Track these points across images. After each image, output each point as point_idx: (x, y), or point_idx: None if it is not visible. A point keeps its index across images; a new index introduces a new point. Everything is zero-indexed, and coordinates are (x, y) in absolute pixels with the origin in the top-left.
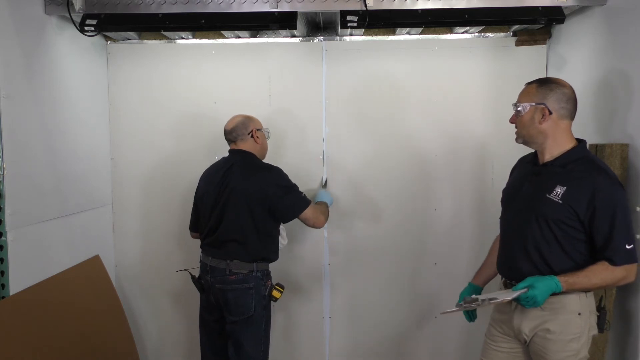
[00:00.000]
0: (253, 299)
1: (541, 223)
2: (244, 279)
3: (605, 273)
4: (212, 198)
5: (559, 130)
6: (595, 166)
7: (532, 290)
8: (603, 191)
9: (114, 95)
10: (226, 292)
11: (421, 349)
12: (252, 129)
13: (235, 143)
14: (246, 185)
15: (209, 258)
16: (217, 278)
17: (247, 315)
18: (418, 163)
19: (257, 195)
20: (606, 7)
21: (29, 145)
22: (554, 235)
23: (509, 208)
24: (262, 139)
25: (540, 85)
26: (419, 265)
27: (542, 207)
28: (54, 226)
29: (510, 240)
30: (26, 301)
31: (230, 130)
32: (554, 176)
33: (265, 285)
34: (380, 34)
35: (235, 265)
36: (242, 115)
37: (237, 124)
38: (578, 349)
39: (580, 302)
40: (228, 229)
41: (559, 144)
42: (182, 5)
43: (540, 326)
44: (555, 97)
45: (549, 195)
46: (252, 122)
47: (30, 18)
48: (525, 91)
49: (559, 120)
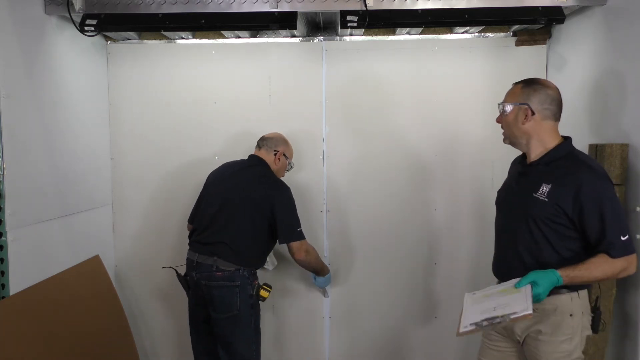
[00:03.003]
0: (238, 297)
1: (530, 223)
2: (230, 276)
3: (605, 265)
4: (218, 196)
5: (542, 130)
6: (579, 162)
7: (536, 288)
8: (587, 186)
9: (114, 95)
10: (212, 289)
11: (421, 349)
12: (280, 150)
13: (259, 150)
14: (257, 189)
15: (196, 254)
16: (204, 274)
17: (232, 313)
18: (418, 163)
19: (264, 206)
20: (606, 7)
21: (29, 145)
22: (544, 235)
23: (501, 209)
24: (282, 164)
25: (525, 85)
26: (419, 266)
27: (529, 207)
28: (54, 226)
29: (502, 242)
30: (26, 301)
31: (265, 138)
32: (540, 175)
33: (252, 284)
34: (380, 34)
35: (222, 262)
36: (283, 136)
37: (274, 137)
38: (570, 350)
39: (572, 303)
40: (226, 231)
41: (543, 143)
42: (182, 5)
43: (532, 327)
44: (539, 98)
45: (535, 195)
46: (285, 146)
47: (30, 18)
48: (510, 91)
49: (542, 121)
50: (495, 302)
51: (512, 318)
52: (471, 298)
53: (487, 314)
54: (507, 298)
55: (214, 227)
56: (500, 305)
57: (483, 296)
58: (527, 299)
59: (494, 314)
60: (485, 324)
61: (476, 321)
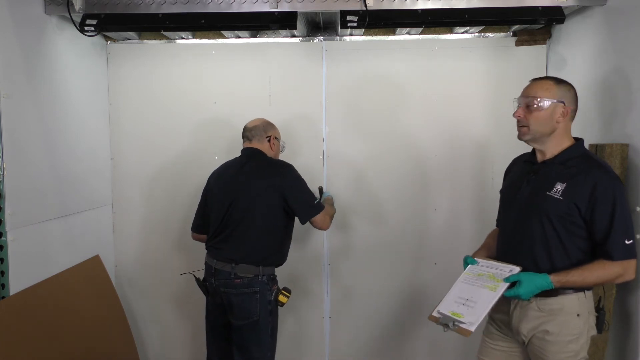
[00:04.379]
0: (258, 304)
1: (543, 221)
2: (249, 283)
3: (600, 271)
4: (224, 198)
5: (565, 129)
6: (595, 162)
7: (517, 289)
8: (603, 185)
9: (114, 95)
10: (230, 296)
11: (421, 349)
12: (271, 135)
13: (250, 142)
14: (262, 181)
15: (214, 260)
16: (222, 281)
17: (252, 320)
18: (418, 163)
19: (274, 196)
20: (606, 7)
21: (29, 145)
22: (557, 233)
23: (509, 208)
24: (277, 148)
25: (557, 83)
26: (419, 265)
27: (543, 205)
28: (54, 226)
29: (511, 240)
30: (26, 301)
31: (251, 128)
32: (554, 173)
33: (271, 290)
34: (380, 34)
35: (240, 268)
36: (266, 120)
37: (259, 124)
38: (577, 350)
39: (579, 303)
40: (238, 229)
41: (560, 142)
42: (182, 5)
43: (538, 327)
44: (572, 98)
45: (550, 193)
46: (274, 129)
47: (30, 18)
48: (541, 86)
49: (569, 121)
50: (473, 291)
51: (458, 327)
52: (467, 274)
53: (452, 307)
54: (483, 292)
55: (226, 230)
56: (472, 298)
57: (478, 275)
58: (486, 308)
59: (456, 309)
60: (441, 322)
61: (441, 313)
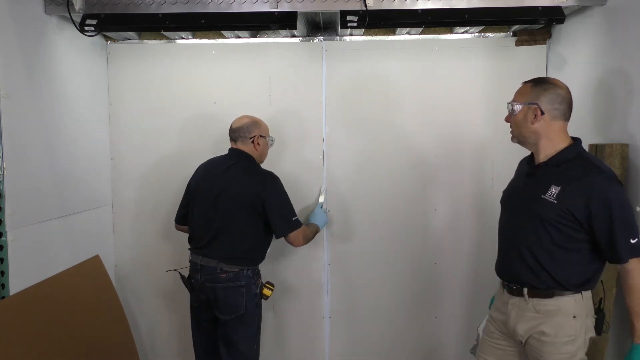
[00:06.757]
0: (244, 297)
1: (537, 224)
2: (235, 277)
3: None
4: (206, 197)
5: (552, 130)
6: (590, 164)
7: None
8: (598, 190)
9: (114, 95)
10: (217, 290)
11: (421, 349)
12: (255, 135)
13: (235, 143)
14: (243, 188)
15: (199, 257)
16: (208, 276)
17: (238, 314)
18: (418, 163)
19: (255, 204)
20: (606, 7)
21: (29, 145)
22: (550, 236)
23: (506, 209)
24: (262, 146)
25: (535, 85)
26: (419, 266)
27: (537, 208)
28: (54, 226)
29: (506, 241)
30: (26, 301)
31: (235, 129)
32: (548, 176)
33: (256, 283)
34: (380, 34)
35: (225, 264)
36: (250, 118)
37: (242, 125)
38: (573, 352)
39: (575, 304)
40: (219, 231)
41: (553, 144)
42: (182, 5)
43: (535, 328)
44: (549, 98)
45: (544, 196)
46: (258, 127)
47: (30, 18)
48: (520, 90)
49: (551, 121)
50: None
51: None
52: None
53: None
54: None
55: (211, 231)
56: None
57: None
58: None
59: None
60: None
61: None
